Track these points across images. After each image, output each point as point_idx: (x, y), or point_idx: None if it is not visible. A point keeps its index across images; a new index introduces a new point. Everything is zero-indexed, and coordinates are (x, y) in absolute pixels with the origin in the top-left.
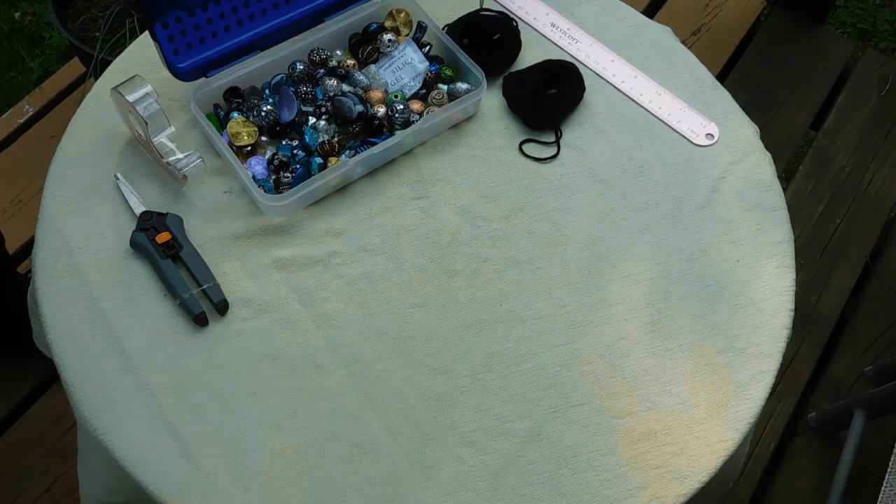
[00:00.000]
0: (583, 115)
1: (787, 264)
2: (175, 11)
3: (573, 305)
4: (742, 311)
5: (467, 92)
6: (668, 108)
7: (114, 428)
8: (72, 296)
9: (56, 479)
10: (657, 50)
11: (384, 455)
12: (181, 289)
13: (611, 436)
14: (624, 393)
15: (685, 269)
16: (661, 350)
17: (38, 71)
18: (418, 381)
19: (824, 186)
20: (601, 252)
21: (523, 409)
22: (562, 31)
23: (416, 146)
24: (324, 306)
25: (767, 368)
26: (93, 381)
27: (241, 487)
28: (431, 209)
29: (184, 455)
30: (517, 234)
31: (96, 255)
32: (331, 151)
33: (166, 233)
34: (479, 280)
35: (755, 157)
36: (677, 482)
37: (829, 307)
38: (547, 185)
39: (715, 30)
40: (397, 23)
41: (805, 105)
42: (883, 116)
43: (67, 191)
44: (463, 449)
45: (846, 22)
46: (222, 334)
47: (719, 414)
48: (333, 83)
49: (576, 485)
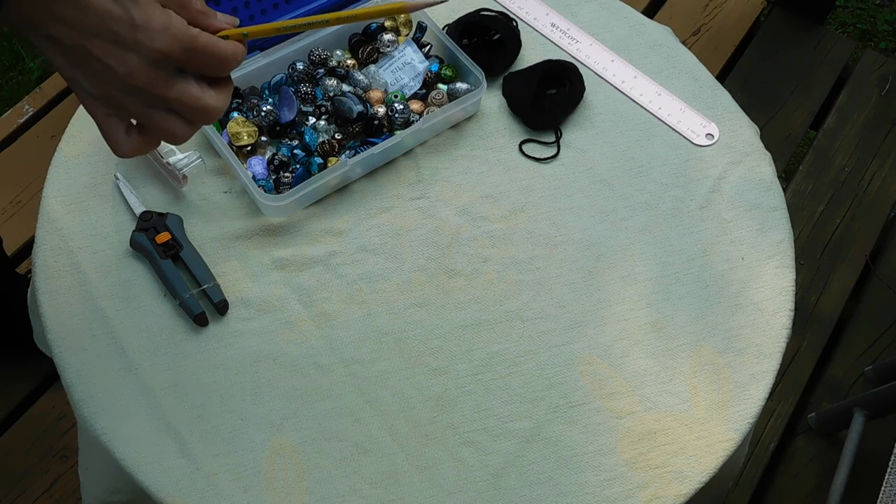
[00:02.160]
0: (583, 115)
1: (787, 264)
2: None
3: (573, 305)
4: (742, 311)
5: (467, 92)
6: (668, 108)
7: (114, 428)
8: (72, 296)
9: (56, 479)
10: (657, 50)
11: (384, 455)
12: (181, 289)
13: (611, 436)
14: (624, 393)
15: (685, 269)
16: (661, 350)
17: (38, 71)
18: (418, 381)
19: (824, 186)
20: (601, 252)
21: (523, 409)
22: (562, 31)
23: (416, 146)
24: (324, 306)
25: (767, 368)
26: (93, 381)
27: (241, 487)
28: (431, 209)
29: (184, 455)
30: (517, 234)
31: (96, 255)
32: (331, 151)
33: (166, 233)
34: (479, 280)
35: (755, 157)
36: (677, 482)
37: (829, 307)
38: (547, 185)
39: (715, 30)
40: (397, 23)
41: (805, 105)
42: (883, 116)
43: (67, 191)
44: (463, 449)
45: (846, 22)
46: (222, 334)
47: (719, 414)
48: (333, 83)
49: (576, 485)
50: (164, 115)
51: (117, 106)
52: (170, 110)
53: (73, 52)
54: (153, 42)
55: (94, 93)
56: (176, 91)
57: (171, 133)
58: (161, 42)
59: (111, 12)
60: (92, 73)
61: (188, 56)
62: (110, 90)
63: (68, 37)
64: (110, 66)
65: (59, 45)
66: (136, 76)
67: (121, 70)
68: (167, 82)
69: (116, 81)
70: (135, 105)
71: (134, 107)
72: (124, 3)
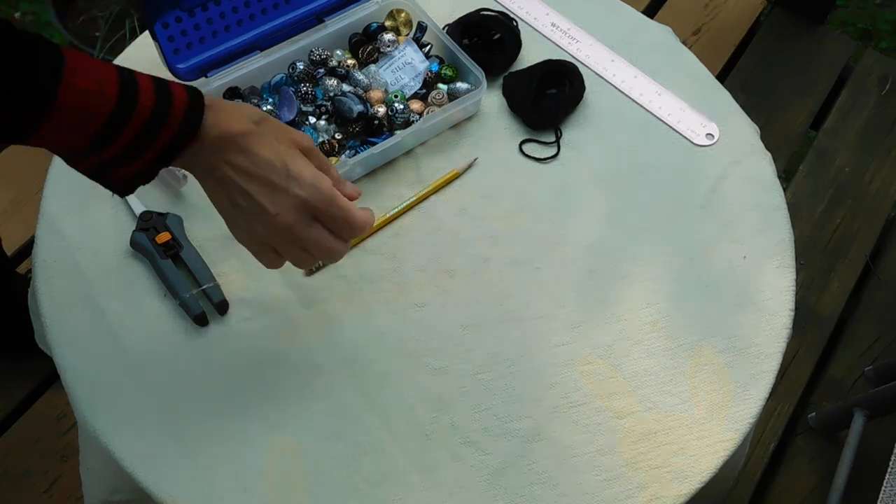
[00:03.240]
0: (583, 115)
1: (787, 264)
2: (175, 11)
3: (573, 305)
4: (742, 311)
5: (467, 92)
6: (668, 108)
7: (114, 428)
8: (72, 296)
9: (56, 479)
10: (657, 50)
11: (384, 455)
12: (181, 289)
13: (611, 436)
14: (624, 393)
15: (685, 269)
16: (661, 350)
17: None
18: (418, 381)
19: (824, 186)
20: (601, 252)
21: (523, 409)
22: (562, 30)
23: (416, 146)
24: (324, 306)
25: (767, 368)
26: (93, 381)
27: (241, 487)
28: (431, 209)
29: (184, 455)
30: (517, 234)
31: (96, 255)
32: (331, 151)
33: (166, 233)
34: (479, 280)
35: (755, 157)
36: (677, 482)
37: (829, 307)
38: (547, 185)
39: (715, 30)
40: (397, 23)
41: (805, 105)
42: (883, 116)
43: (67, 191)
44: (463, 449)
45: (846, 22)
46: (222, 334)
47: (719, 414)
48: (333, 83)
49: (576, 485)
50: (299, 251)
51: (263, 239)
52: (304, 248)
53: (236, 193)
54: (302, 191)
55: (245, 227)
56: (312, 234)
57: (303, 262)
58: (308, 193)
59: (273, 163)
60: (248, 210)
61: (326, 210)
62: (259, 226)
63: (234, 180)
64: (264, 207)
65: (226, 186)
66: (283, 217)
67: (271, 210)
68: (306, 226)
69: (266, 219)
70: (276, 240)
71: (276, 241)
72: (283, 156)
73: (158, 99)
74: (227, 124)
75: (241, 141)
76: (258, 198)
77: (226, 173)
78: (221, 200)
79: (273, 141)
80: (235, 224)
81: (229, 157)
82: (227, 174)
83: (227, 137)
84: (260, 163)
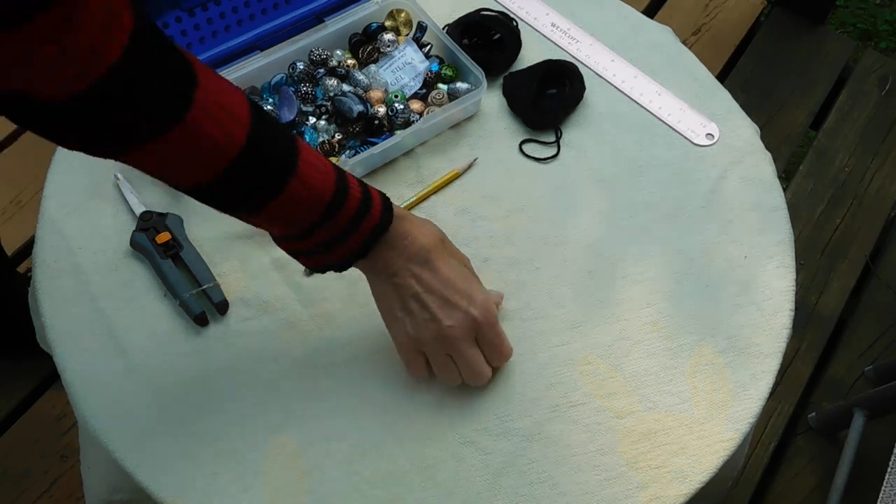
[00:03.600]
0: (583, 115)
1: (787, 264)
2: (175, 11)
3: (573, 305)
4: (742, 311)
5: (467, 92)
6: (668, 108)
7: (114, 428)
8: (72, 296)
9: (56, 479)
10: (657, 50)
11: (384, 455)
12: (181, 289)
13: (611, 436)
14: (624, 393)
15: (685, 269)
16: (661, 350)
17: None
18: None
19: (824, 186)
20: (601, 252)
21: (523, 408)
22: (562, 31)
23: (416, 146)
24: (324, 306)
25: (767, 368)
26: (93, 381)
27: (241, 487)
28: (431, 209)
29: (184, 455)
30: (517, 234)
31: (96, 255)
32: (331, 151)
33: (166, 233)
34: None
35: (755, 157)
36: (677, 482)
37: (829, 307)
38: (547, 185)
39: (715, 30)
40: (397, 23)
41: (805, 105)
42: (883, 116)
43: (67, 191)
44: (463, 449)
45: (846, 22)
46: (222, 334)
47: (719, 414)
48: (333, 83)
49: (576, 484)
50: (451, 366)
51: (423, 345)
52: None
53: (410, 299)
54: (475, 310)
55: (411, 333)
56: (470, 352)
57: (449, 378)
58: (479, 313)
59: (455, 283)
60: (418, 318)
61: (487, 331)
62: (426, 332)
63: (413, 288)
64: (438, 318)
65: (401, 292)
66: (455, 330)
67: (446, 322)
68: (470, 344)
69: (437, 328)
70: (437, 348)
71: (435, 349)
72: (463, 277)
73: (363, 196)
74: (421, 236)
75: (427, 255)
76: (434, 308)
77: (406, 280)
78: (392, 301)
79: (452, 259)
80: (399, 326)
81: (412, 267)
82: (407, 281)
83: (417, 247)
84: (442, 279)
